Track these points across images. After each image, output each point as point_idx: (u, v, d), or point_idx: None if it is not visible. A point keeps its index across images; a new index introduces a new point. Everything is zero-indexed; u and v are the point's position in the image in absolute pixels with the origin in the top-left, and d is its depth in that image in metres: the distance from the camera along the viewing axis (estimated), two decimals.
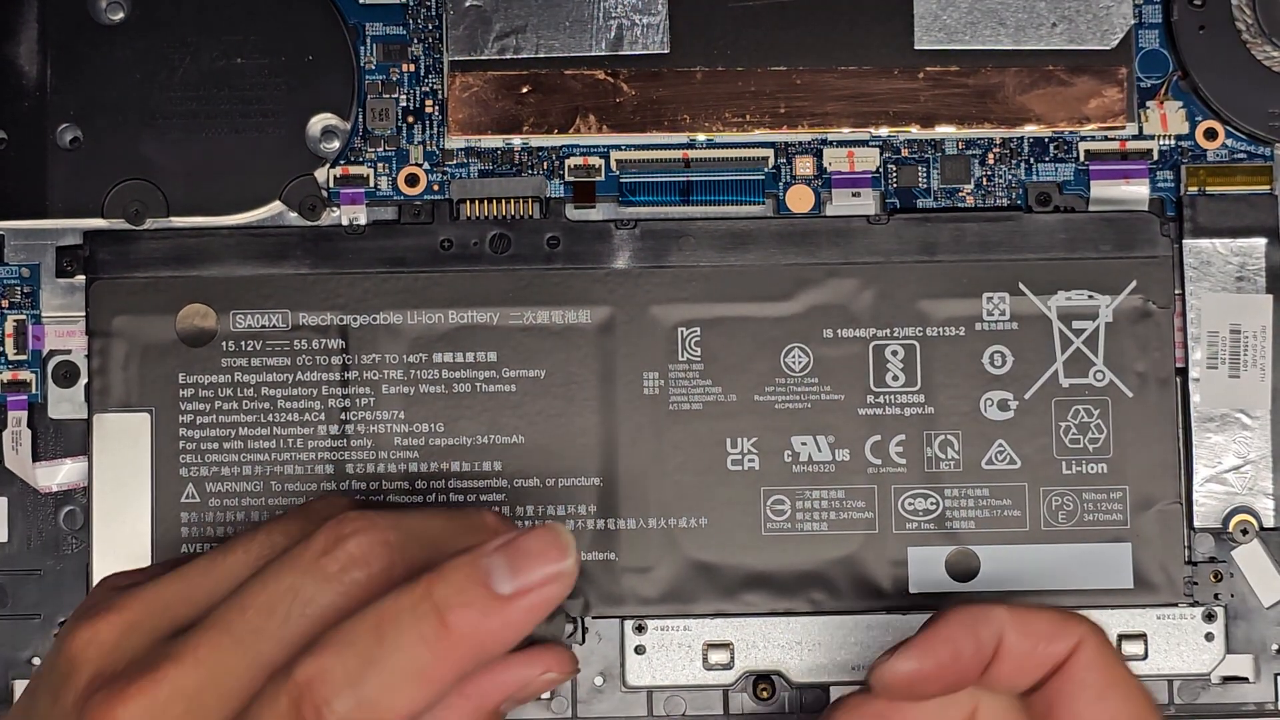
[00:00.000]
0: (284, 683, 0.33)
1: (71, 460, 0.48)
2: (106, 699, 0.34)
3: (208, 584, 0.36)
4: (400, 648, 0.33)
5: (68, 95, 0.47)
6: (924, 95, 0.48)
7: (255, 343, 0.47)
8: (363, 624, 0.34)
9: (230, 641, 0.34)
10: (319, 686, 0.33)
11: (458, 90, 0.48)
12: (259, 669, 0.34)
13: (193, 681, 0.34)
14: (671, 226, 0.48)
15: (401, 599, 0.34)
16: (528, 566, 0.34)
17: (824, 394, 0.47)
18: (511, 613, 0.34)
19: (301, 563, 0.35)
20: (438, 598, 0.34)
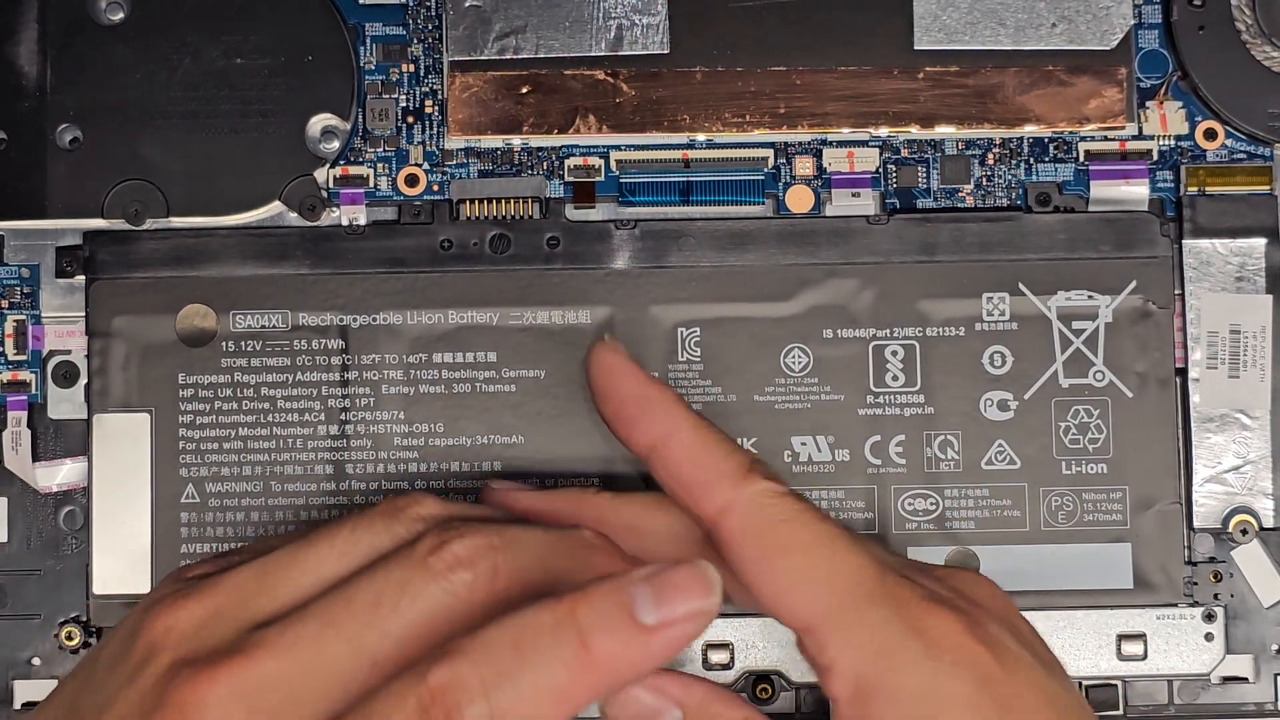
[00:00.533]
0: (414, 685, 0.33)
1: (71, 460, 0.48)
2: (192, 679, 0.34)
3: (291, 576, 0.36)
4: (539, 666, 0.33)
5: (67, 95, 0.47)
6: (924, 95, 0.48)
7: (255, 343, 0.47)
8: (501, 636, 0.34)
9: (334, 634, 0.34)
10: (453, 693, 0.33)
11: (457, 90, 0.48)
12: (365, 662, 0.34)
13: (290, 670, 0.34)
14: (671, 227, 0.48)
15: (543, 616, 0.34)
16: (673, 600, 0.34)
17: (824, 394, 0.47)
18: (653, 644, 0.34)
19: (410, 560, 0.35)
20: (581, 620, 0.34)
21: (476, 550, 0.35)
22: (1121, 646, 0.47)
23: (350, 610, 0.35)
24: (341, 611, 0.35)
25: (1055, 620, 0.47)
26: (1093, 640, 0.47)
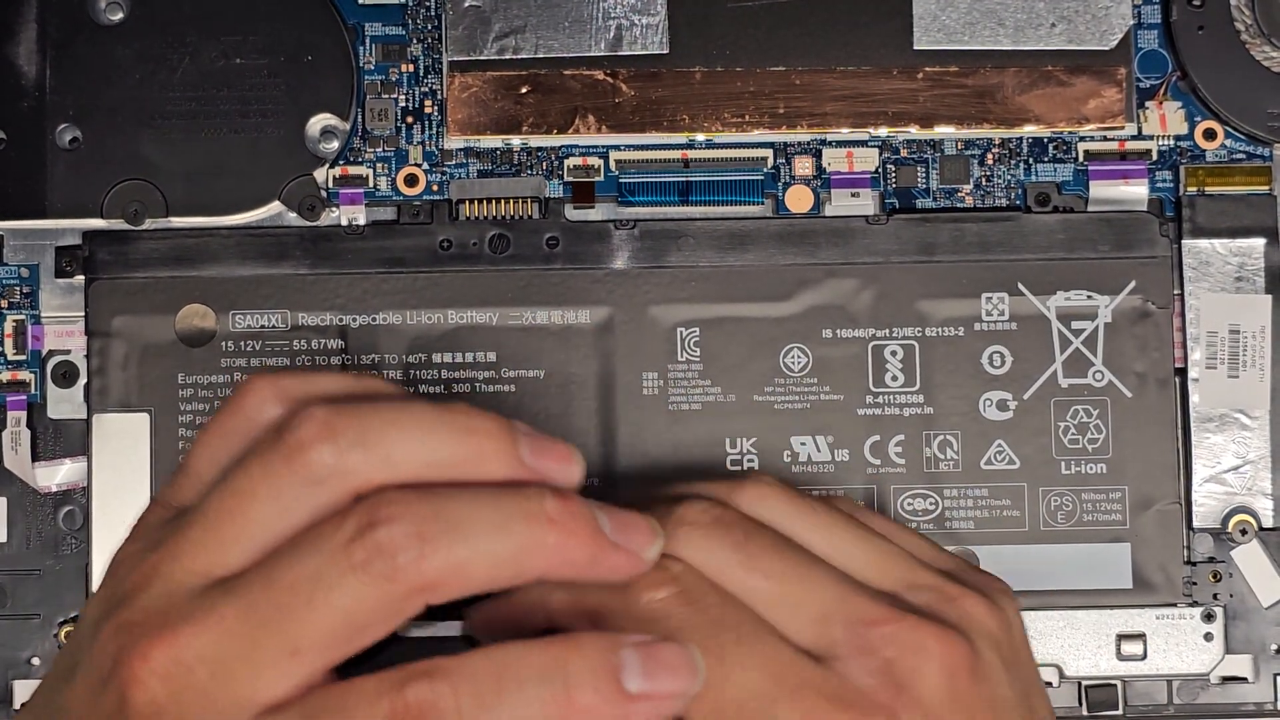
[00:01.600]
0: (389, 694, 0.32)
1: (71, 460, 0.48)
2: (129, 657, 0.33)
3: (217, 536, 0.34)
4: (519, 703, 0.33)
5: (67, 95, 0.47)
6: (923, 95, 0.48)
7: (254, 343, 0.47)
8: (487, 665, 0.33)
9: (256, 617, 0.33)
10: (428, 712, 0.32)
11: (457, 90, 0.48)
12: (287, 652, 0.33)
13: (215, 649, 0.33)
14: (671, 227, 0.48)
15: (533, 655, 0.33)
16: (660, 676, 0.34)
17: (823, 394, 0.47)
18: (632, 711, 0.34)
19: (329, 547, 0.33)
20: (571, 671, 0.33)
21: (404, 538, 0.33)
22: (1121, 646, 0.47)
23: (269, 595, 0.33)
24: (260, 596, 0.33)
25: (1055, 620, 0.47)
26: (1092, 640, 0.47)
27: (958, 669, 0.37)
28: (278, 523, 0.34)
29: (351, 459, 0.33)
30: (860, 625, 0.38)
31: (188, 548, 0.34)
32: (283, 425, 0.34)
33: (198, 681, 0.33)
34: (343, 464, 0.33)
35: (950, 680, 0.37)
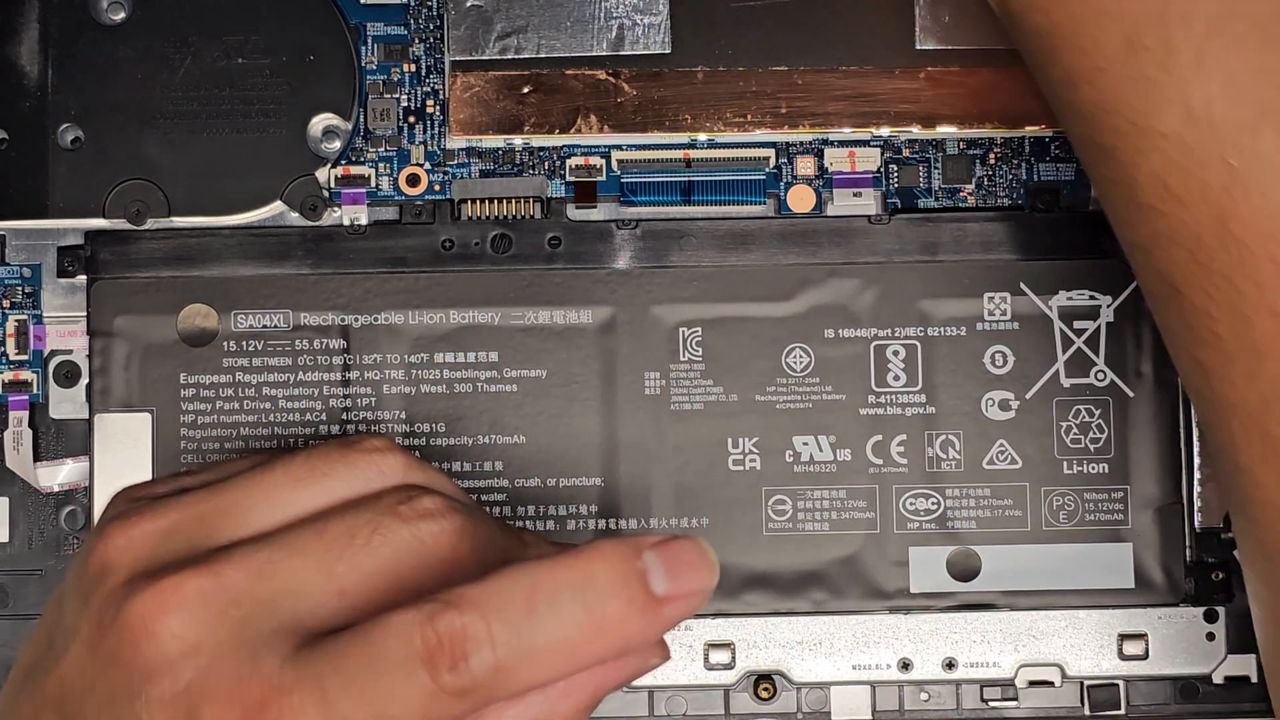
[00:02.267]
0: (420, 625, 0.33)
1: (73, 460, 0.48)
2: (153, 589, 0.34)
3: (251, 502, 0.36)
4: (552, 623, 0.33)
5: (69, 95, 0.47)
6: (925, 95, 0.48)
7: (257, 343, 0.47)
8: (516, 588, 0.34)
9: (303, 560, 0.35)
10: (460, 641, 0.33)
11: (459, 90, 0.48)
12: (333, 589, 0.34)
13: (259, 586, 0.34)
14: (673, 226, 0.48)
15: (559, 573, 0.34)
16: (683, 575, 0.35)
17: (825, 394, 0.47)
18: (661, 614, 0.34)
19: (379, 505, 0.36)
20: (600, 584, 0.34)
21: (445, 507, 0.36)
22: (1123, 646, 0.47)
23: (322, 540, 0.35)
24: (313, 540, 0.35)
25: (1056, 620, 0.47)
26: (1094, 640, 0.47)
27: None
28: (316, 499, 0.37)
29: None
30: None
31: (224, 506, 0.36)
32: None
33: (234, 617, 0.34)
34: None
35: None
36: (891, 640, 0.47)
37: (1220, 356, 0.38)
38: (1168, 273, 0.39)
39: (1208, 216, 0.37)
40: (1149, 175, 0.38)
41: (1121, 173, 0.39)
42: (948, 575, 0.47)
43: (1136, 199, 0.38)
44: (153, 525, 0.36)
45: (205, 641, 0.33)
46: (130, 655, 0.34)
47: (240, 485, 0.37)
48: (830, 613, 0.47)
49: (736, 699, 0.47)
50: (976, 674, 0.47)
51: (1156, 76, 0.37)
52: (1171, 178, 0.37)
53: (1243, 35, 0.37)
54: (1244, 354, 0.37)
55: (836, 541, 0.47)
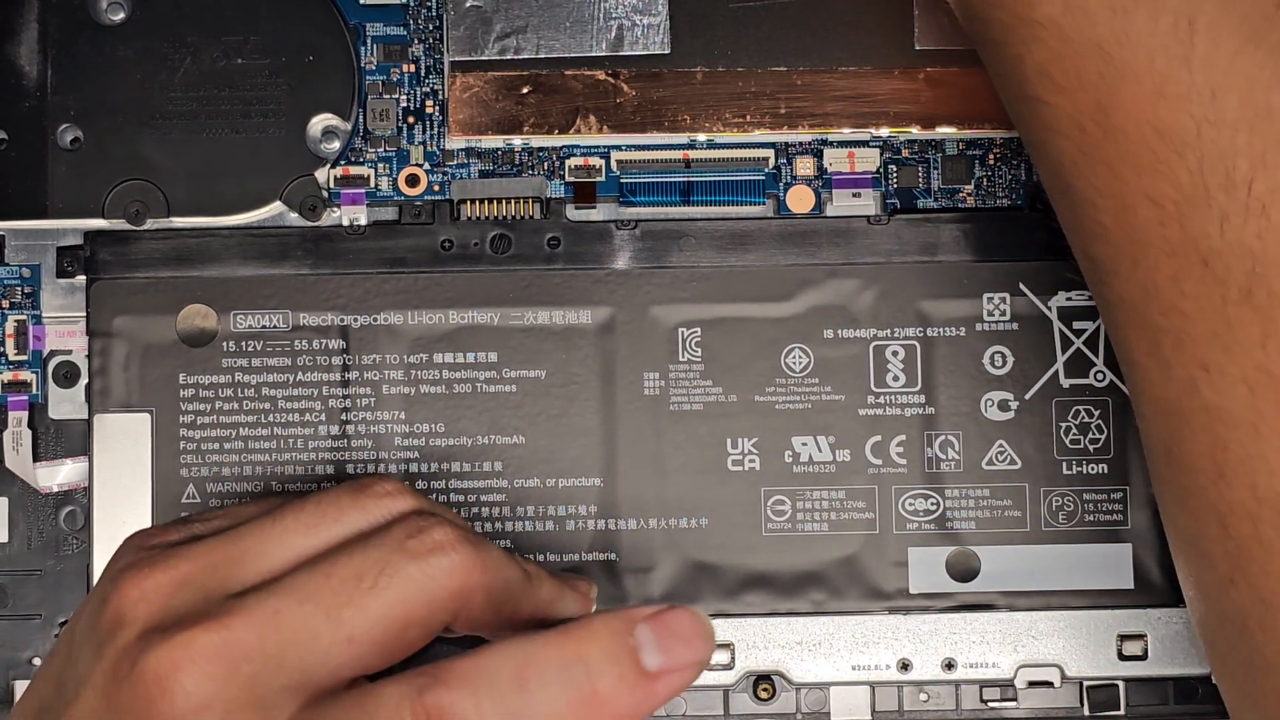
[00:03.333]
0: (411, 700, 0.33)
1: (72, 460, 0.48)
2: (166, 645, 0.34)
3: (262, 549, 0.36)
4: (542, 702, 0.33)
5: (68, 95, 0.47)
6: (924, 96, 0.48)
7: (256, 343, 0.47)
8: (504, 665, 0.34)
9: (312, 607, 0.34)
10: (448, 718, 0.33)
11: (458, 90, 0.48)
12: (342, 637, 0.34)
13: (268, 639, 0.34)
14: (672, 227, 0.48)
15: (549, 650, 0.34)
16: (677, 649, 0.35)
17: (824, 394, 0.47)
18: (653, 691, 0.34)
19: (388, 541, 0.36)
20: (591, 661, 0.34)
21: (455, 539, 0.36)
22: (1122, 647, 0.47)
23: (330, 585, 0.35)
24: (321, 585, 0.35)
25: (1056, 620, 0.47)
26: (1093, 640, 0.47)
27: None
28: None
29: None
30: None
31: (223, 560, 0.36)
32: None
33: (244, 673, 0.34)
34: None
35: None
36: (891, 641, 0.47)
37: (1108, 248, 0.38)
38: (1057, 166, 0.39)
39: (1088, 104, 0.37)
40: (1034, 66, 0.38)
41: (1011, 66, 0.39)
42: (947, 576, 0.47)
43: (1025, 92, 0.39)
44: (166, 576, 0.36)
45: (216, 698, 0.34)
46: (144, 709, 0.34)
47: (252, 533, 0.37)
48: (829, 613, 0.47)
49: (736, 699, 0.47)
50: (976, 674, 0.47)
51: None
52: (1053, 67, 0.38)
53: None
54: (1128, 243, 0.38)
55: (836, 542, 0.47)
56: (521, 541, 0.47)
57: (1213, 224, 0.36)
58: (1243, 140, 0.36)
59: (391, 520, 0.37)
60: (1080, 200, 0.39)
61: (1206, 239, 0.36)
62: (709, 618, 0.35)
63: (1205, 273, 0.36)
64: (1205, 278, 0.36)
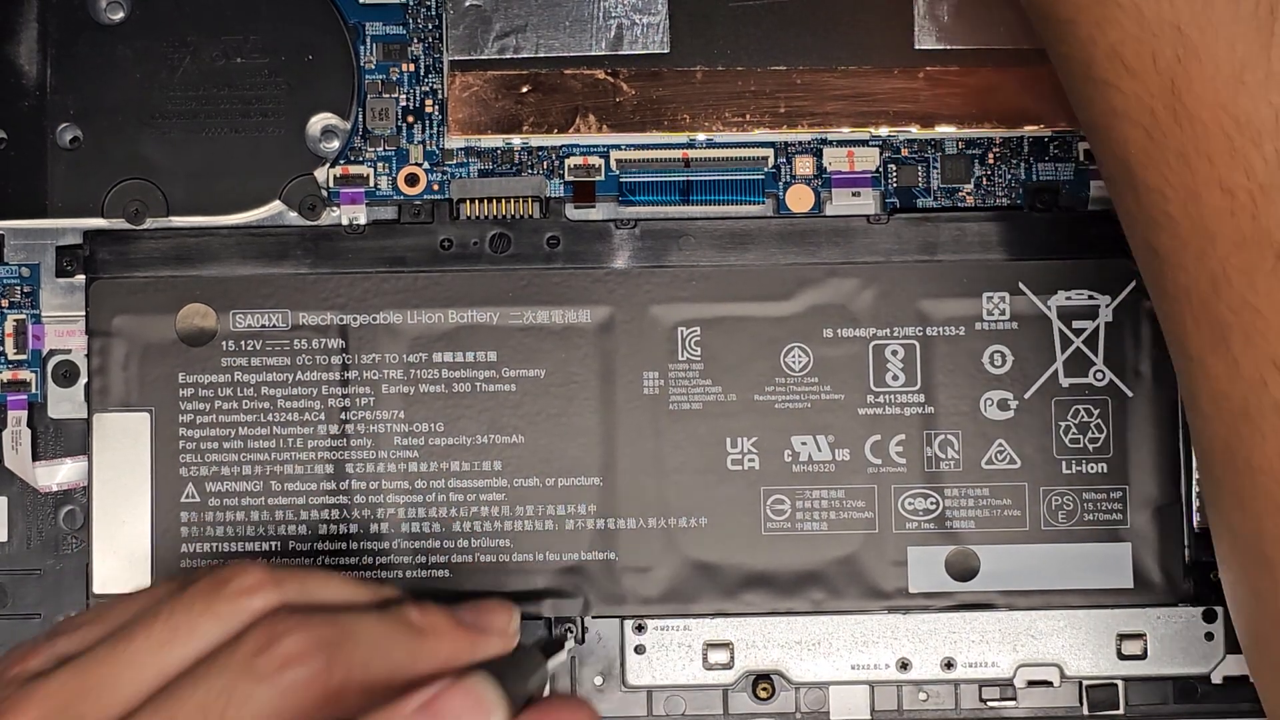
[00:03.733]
0: None
1: (71, 460, 0.48)
2: None
3: (113, 679, 0.35)
4: None
5: (68, 95, 0.47)
6: (924, 95, 0.48)
7: (255, 342, 0.47)
8: None
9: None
10: None
11: (458, 90, 0.48)
12: None
13: None
14: (671, 226, 0.48)
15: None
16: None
17: (824, 394, 0.47)
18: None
19: (234, 663, 0.34)
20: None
21: (308, 646, 0.34)
22: (1121, 646, 0.47)
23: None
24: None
25: (1055, 620, 0.47)
26: (1093, 640, 0.47)
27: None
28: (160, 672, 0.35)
29: None
30: None
31: None
32: None
33: None
34: None
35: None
36: (890, 640, 0.47)
37: (1173, 239, 0.38)
38: (1123, 153, 0.38)
39: (1161, 89, 0.37)
40: (1106, 49, 0.38)
41: (1080, 48, 0.38)
42: (946, 575, 0.47)
43: (1094, 74, 0.38)
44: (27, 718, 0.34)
45: None
46: None
47: (106, 659, 0.35)
48: (829, 612, 0.47)
49: (735, 699, 0.47)
50: (975, 674, 0.47)
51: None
52: (1127, 49, 0.37)
53: None
54: (1195, 234, 0.37)
55: (835, 541, 0.47)
56: (521, 541, 0.47)
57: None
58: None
59: (244, 629, 0.34)
60: (1146, 188, 0.38)
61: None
62: (494, 685, 0.34)
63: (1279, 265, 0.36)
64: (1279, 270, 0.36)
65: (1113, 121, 0.38)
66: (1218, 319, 0.37)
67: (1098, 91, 0.38)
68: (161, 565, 0.46)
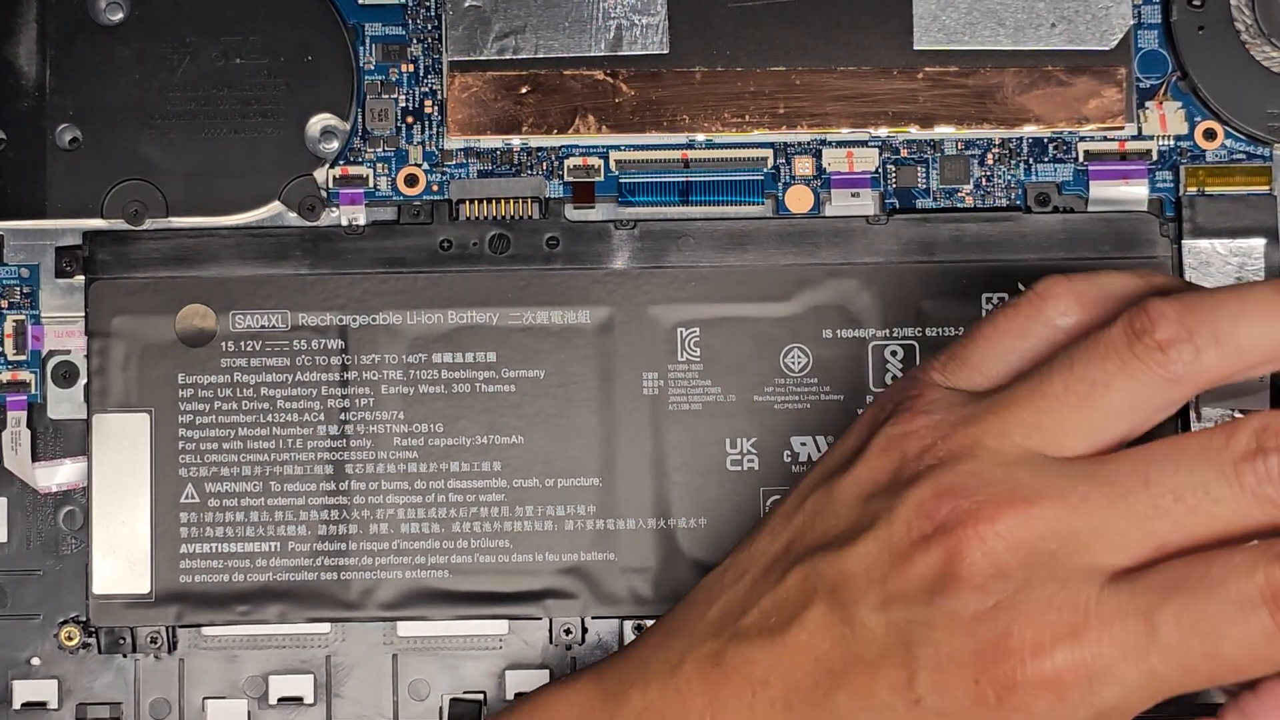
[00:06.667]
0: (1268, 561, 0.32)
1: (71, 460, 0.48)
2: (971, 516, 0.34)
3: (1057, 412, 0.35)
4: None
5: (67, 95, 0.47)
6: (923, 96, 0.48)
7: (255, 343, 0.47)
8: None
9: (1125, 507, 0.34)
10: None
11: (457, 90, 0.48)
12: (1149, 545, 0.34)
13: (1073, 524, 0.34)
14: (671, 227, 0.48)
15: None
16: None
17: (823, 394, 0.47)
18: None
19: (1217, 460, 0.34)
20: None
21: None
22: None
23: (1148, 493, 0.34)
24: (1138, 490, 0.34)
25: None
26: None
27: None
28: (1125, 417, 0.35)
29: (1207, 357, 0.34)
30: None
31: (1019, 428, 0.35)
32: (1137, 325, 0.35)
33: (1046, 549, 0.34)
34: (1199, 363, 0.34)
35: None
36: None
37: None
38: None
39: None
40: None
41: None
42: None
43: None
44: (966, 434, 0.36)
45: (1015, 568, 0.34)
46: (941, 566, 0.34)
47: (1054, 395, 0.35)
48: None
49: None
50: None
51: None
52: None
53: None
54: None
55: None
56: (520, 541, 0.47)
57: None
58: None
59: (1231, 428, 0.34)
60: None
61: None
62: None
63: None
64: None
65: None
66: None
67: None
68: (161, 566, 0.46)
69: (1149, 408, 0.35)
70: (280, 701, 0.47)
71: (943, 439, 0.36)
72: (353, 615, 0.47)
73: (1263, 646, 0.32)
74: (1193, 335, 0.34)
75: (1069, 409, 0.35)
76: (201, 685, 0.47)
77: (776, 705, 0.36)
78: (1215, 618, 0.32)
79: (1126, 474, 0.34)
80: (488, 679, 0.47)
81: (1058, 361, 0.36)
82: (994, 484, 0.35)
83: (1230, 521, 0.34)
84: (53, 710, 0.47)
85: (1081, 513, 0.34)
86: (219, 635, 0.47)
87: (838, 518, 0.37)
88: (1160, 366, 0.35)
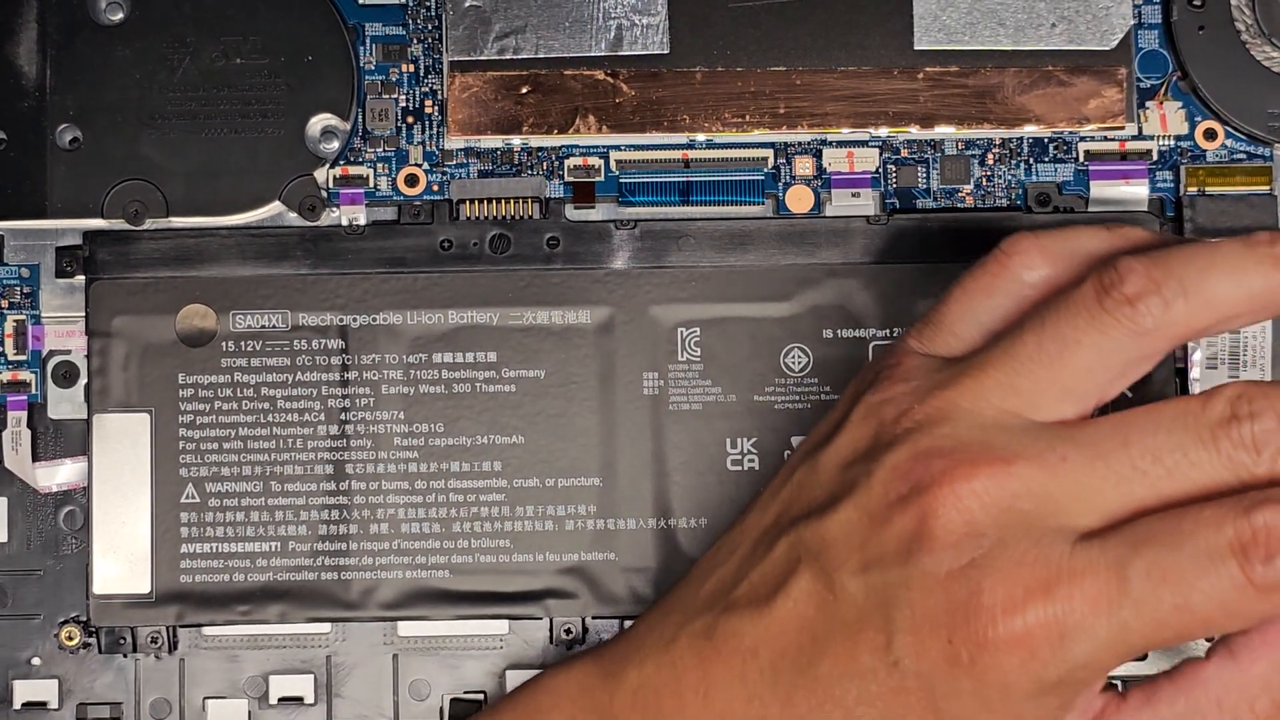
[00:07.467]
0: (1238, 515, 0.33)
1: (71, 460, 0.48)
2: (947, 473, 0.34)
3: (1041, 374, 0.36)
4: None
5: (67, 96, 0.48)
6: (923, 95, 0.48)
7: (255, 343, 0.47)
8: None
9: (1104, 468, 0.34)
10: (1278, 538, 0.32)
11: (457, 90, 0.48)
12: (1124, 506, 0.34)
13: (1049, 484, 0.34)
14: (671, 227, 0.48)
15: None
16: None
17: (824, 394, 0.47)
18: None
19: (1194, 425, 0.34)
20: None
21: (1277, 437, 0.34)
22: None
23: (1126, 453, 0.34)
24: (1116, 451, 0.34)
25: None
26: None
27: None
28: (1098, 372, 0.35)
29: (1176, 310, 0.35)
30: None
31: (995, 389, 0.36)
32: (1105, 281, 0.35)
33: (1022, 509, 0.34)
34: (1169, 315, 0.35)
35: None
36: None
37: None
38: None
39: None
40: None
41: None
42: None
43: None
44: (944, 397, 0.36)
45: (989, 526, 0.34)
46: (915, 526, 0.34)
47: (1026, 355, 0.36)
48: None
49: None
50: None
51: None
52: None
53: None
54: None
55: None
56: (521, 541, 0.47)
57: None
58: None
59: (1206, 398, 0.35)
60: None
61: None
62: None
63: None
64: None
65: None
66: None
67: None
68: (161, 566, 0.46)
69: (1121, 362, 0.36)
70: (281, 701, 0.47)
71: (919, 404, 0.36)
72: (353, 615, 0.47)
73: (1232, 598, 0.33)
74: (1161, 288, 0.35)
75: (1042, 368, 0.35)
76: (202, 685, 0.47)
77: (765, 675, 0.36)
78: (1185, 569, 0.33)
79: (1106, 436, 0.35)
80: (488, 679, 0.47)
81: (1029, 321, 0.36)
82: (970, 445, 0.35)
83: (1204, 486, 0.34)
84: (53, 710, 0.47)
85: (1059, 473, 0.34)
86: (219, 635, 0.47)
87: (820, 487, 0.37)
88: (1129, 320, 0.35)
